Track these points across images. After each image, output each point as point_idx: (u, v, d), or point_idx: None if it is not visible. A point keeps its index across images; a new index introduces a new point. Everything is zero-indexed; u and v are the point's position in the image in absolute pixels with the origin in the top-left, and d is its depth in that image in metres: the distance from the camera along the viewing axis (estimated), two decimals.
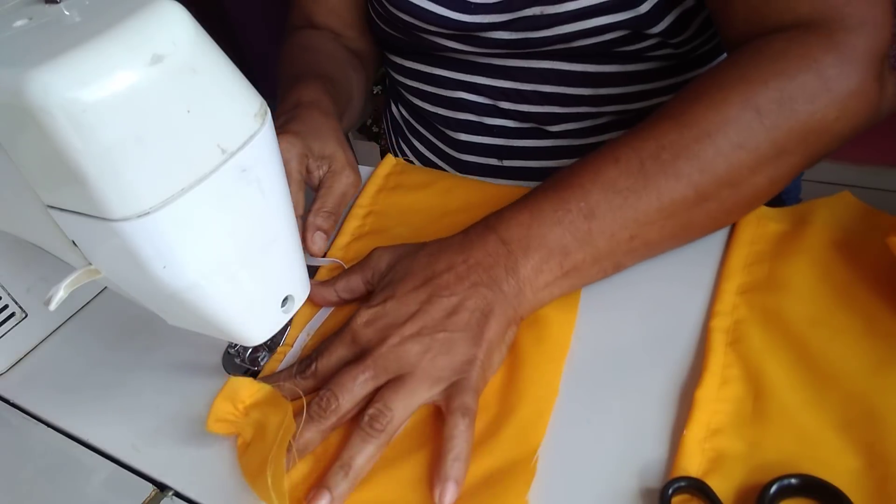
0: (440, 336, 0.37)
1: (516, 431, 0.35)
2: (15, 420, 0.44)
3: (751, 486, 0.31)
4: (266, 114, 0.30)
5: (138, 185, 0.26)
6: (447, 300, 0.38)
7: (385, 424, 0.35)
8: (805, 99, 0.38)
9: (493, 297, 0.38)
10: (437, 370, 0.36)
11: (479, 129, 0.65)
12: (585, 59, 0.56)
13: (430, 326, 0.37)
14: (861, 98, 0.39)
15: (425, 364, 0.36)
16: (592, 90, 0.58)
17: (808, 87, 0.38)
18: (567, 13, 0.52)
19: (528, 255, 0.39)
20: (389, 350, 0.37)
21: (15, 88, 0.24)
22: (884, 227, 0.40)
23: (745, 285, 0.40)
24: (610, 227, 0.38)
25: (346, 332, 0.39)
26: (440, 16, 0.56)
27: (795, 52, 0.39)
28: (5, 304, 0.46)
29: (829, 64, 0.38)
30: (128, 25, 0.25)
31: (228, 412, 0.36)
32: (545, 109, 0.61)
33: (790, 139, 0.38)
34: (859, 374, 0.34)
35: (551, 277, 0.39)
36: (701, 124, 0.38)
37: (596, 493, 0.32)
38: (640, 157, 0.39)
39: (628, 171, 0.39)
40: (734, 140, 0.38)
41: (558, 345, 0.39)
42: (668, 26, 0.52)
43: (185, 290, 0.30)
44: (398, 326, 0.37)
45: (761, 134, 0.38)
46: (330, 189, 0.49)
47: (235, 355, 0.42)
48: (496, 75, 0.60)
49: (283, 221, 0.33)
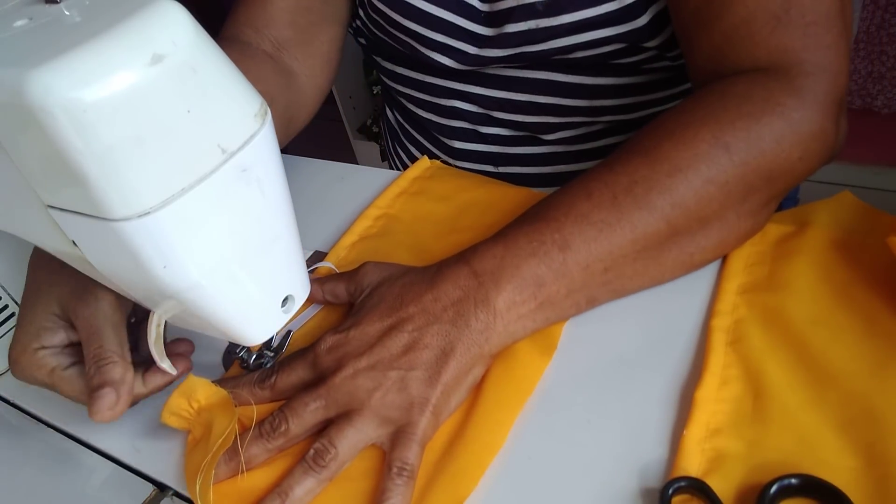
0: (393, 374, 0.36)
1: (449, 479, 0.34)
2: (15, 420, 0.44)
3: (751, 485, 0.31)
4: (266, 114, 0.30)
5: (139, 185, 0.26)
6: (407, 335, 0.37)
7: (328, 461, 0.34)
8: (772, 139, 0.38)
9: (457, 335, 0.37)
10: (385, 410, 0.35)
11: (474, 136, 0.64)
12: (581, 71, 0.56)
13: (385, 362, 0.36)
14: (821, 140, 0.40)
15: (374, 402, 0.35)
16: (588, 101, 0.58)
17: (774, 128, 0.39)
18: (563, 26, 0.51)
19: (501, 287, 0.38)
20: (342, 382, 0.36)
21: (15, 88, 0.24)
22: (884, 227, 0.40)
23: (746, 285, 0.40)
24: (585, 258, 0.38)
25: (310, 354, 0.38)
26: (449, 23, 0.55)
27: (759, 95, 0.40)
28: (5, 304, 0.46)
29: (792, 107, 0.39)
30: (128, 25, 0.25)
31: (182, 408, 0.37)
32: (539, 119, 0.60)
33: (757, 177, 0.39)
34: (859, 374, 0.34)
35: (525, 310, 0.38)
36: (672, 160, 0.38)
37: (596, 493, 0.32)
38: (613, 192, 0.39)
39: (601, 205, 0.38)
40: (705, 175, 0.38)
41: (519, 391, 0.37)
42: (666, 39, 0.52)
43: (186, 290, 0.30)
44: (355, 358, 0.37)
45: (730, 170, 0.38)
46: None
47: (240, 361, 0.41)
48: (490, 85, 0.60)
49: (283, 221, 0.33)
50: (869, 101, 1.44)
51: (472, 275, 0.38)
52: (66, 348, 0.39)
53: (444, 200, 0.53)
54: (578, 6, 0.50)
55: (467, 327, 0.37)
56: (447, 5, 0.55)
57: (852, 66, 1.44)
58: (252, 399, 0.39)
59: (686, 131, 0.39)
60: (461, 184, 0.54)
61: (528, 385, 0.38)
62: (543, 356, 0.39)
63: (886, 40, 1.37)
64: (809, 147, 0.40)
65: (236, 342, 0.37)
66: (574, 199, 0.39)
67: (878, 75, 1.41)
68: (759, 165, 0.38)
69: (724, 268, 0.42)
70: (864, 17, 1.38)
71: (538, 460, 0.34)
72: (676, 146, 0.39)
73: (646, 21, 0.50)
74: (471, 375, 0.38)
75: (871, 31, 1.38)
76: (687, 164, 0.38)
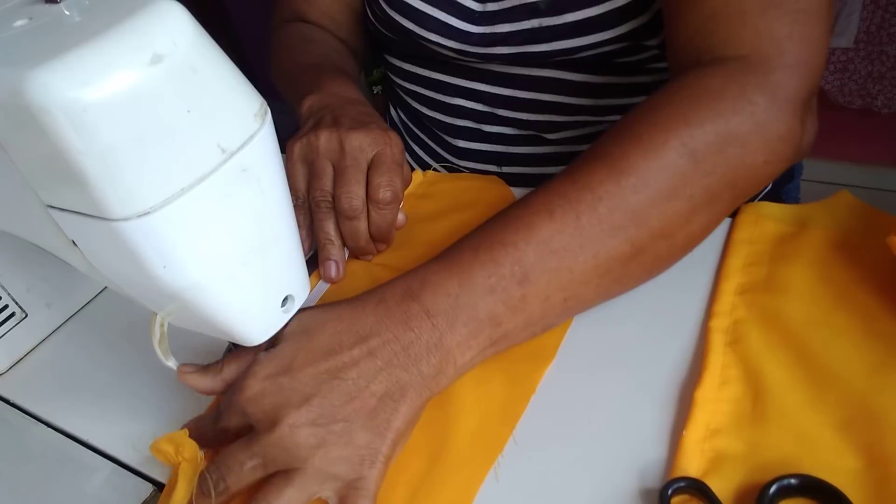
0: (337, 427, 0.33)
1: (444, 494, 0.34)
2: (15, 420, 0.44)
3: (750, 486, 0.31)
4: (266, 114, 0.30)
5: (138, 185, 0.26)
6: (351, 384, 0.34)
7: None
8: (738, 143, 0.38)
9: (409, 380, 0.34)
10: (330, 467, 0.32)
11: (478, 135, 0.64)
12: (586, 70, 0.56)
13: (328, 414, 0.33)
14: (788, 141, 0.39)
15: (317, 461, 0.32)
16: (592, 100, 0.58)
17: (741, 130, 0.38)
18: (567, 25, 0.51)
19: (455, 330, 0.35)
20: (279, 439, 0.32)
21: (15, 88, 0.24)
22: (884, 227, 0.40)
23: (744, 285, 0.40)
24: (544, 290, 0.36)
25: (234, 404, 0.35)
26: (442, 22, 0.56)
27: (732, 91, 0.38)
28: (5, 304, 0.46)
29: (763, 107, 0.38)
30: (128, 25, 0.25)
31: (168, 454, 0.36)
32: (544, 118, 0.60)
33: (722, 184, 0.38)
34: (859, 374, 0.34)
35: (478, 350, 0.36)
36: (639, 172, 0.37)
37: (596, 493, 0.32)
38: (577, 211, 0.37)
39: (563, 228, 0.36)
40: (670, 190, 0.37)
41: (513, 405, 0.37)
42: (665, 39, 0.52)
43: (186, 290, 0.30)
44: (291, 409, 0.33)
45: (696, 181, 0.37)
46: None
47: None
48: (496, 82, 0.60)
49: (283, 221, 0.33)
50: (869, 101, 1.44)
51: (424, 315, 0.35)
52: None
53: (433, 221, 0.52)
54: (580, 5, 0.50)
55: (419, 373, 0.35)
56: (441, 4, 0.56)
57: (852, 66, 1.44)
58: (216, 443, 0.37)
59: (656, 135, 0.38)
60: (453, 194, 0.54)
61: (522, 400, 0.37)
62: (539, 368, 0.38)
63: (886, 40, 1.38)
64: (775, 149, 0.39)
65: (236, 342, 0.37)
66: (535, 218, 0.37)
67: (878, 75, 1.41)
68: (724, 173, 0.38)
69: (721, 268, 0.42)
70: (864, 17, 1.38)
71: (538, 460, 0.34)
72: (645, 154, 0.37)
73: (647, 19, 0.50)
74: (418, 416, 0.36)
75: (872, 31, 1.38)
76: (654, 178, 0.37)
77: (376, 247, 0.49)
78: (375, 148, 0.47)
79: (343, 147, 0.47)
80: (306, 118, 0.52)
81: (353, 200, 0.46)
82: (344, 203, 0.46)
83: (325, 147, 0.48)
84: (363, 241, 0.48)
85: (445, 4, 0.56)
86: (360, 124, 0.48)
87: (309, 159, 0.48)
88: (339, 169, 0.47)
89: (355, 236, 0.47)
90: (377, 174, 0.47)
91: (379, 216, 0.47)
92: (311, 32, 0.67)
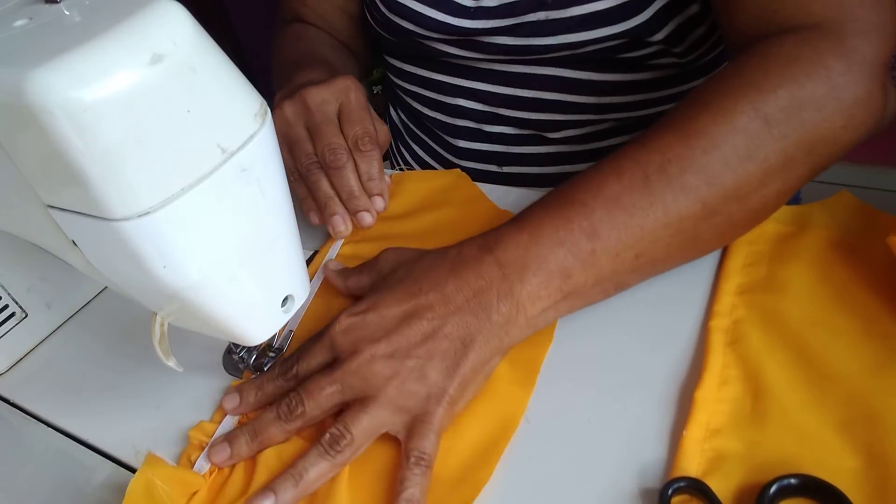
0: (411, 363, 0.35)
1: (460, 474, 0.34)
2: (15, 420, 0.44)
3: (750, 486, 0.31)
4: (266, 113, 0.30)
5: (138, 185, 0.26)
6: (427, 323, 0.36)
7: (343, 447, 0.34)
8: (814, 108, 0.37)
9: (478, 326, 0.36)
10: (402, 399, 0.35)
11: (478, 135, 0.64)
12: (588, 67, 0.56)
13: (403, 350, 0.35)
14: (867, 106, 0.38)
15: (391, 391, 0.35)
16: (595, 98, 0.58)
17: (817, 95, 0.37)
18: (572, 19, 0.51)
19: (526, 279, 0.36)
20: (358, 367, 0.35)
21: (15, 88, 0.24)
22: (883, 227, 0.40)
23: (744, 285, 0.40)
24: (615, 247, 0.37)
25: (326, 337, 0.38)
26: (440, 21, 0.56)
27: (807, 57, 0.38)
28: (5, 304, 0.46)
29: (839, 71, 0.37)
30: (128, 25, 0.25)
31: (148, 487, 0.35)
32: (546, 117, 0.60)
33: (798, 149, 0.37)
34: (858, 375, 0.34)
35: (550, 302, 0.37)
36: (709, 135, 0.37)
37: (596, 493, 0.32)
38: (646, 171, 0.37)
39: (632, 187, 0.37)
40: (743, 152, 0.36)
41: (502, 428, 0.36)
42: (669, 34, 0.52)
43: (186, 290, 0.30)
44: (372, 343, 0.36)
45: (770, 145, 0.36)
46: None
47: (239, 361, 0.42)
48: (496, 81, 0.60)
49: (283, 221, 0.33)
50: None
51: (495, 264, 0.37)
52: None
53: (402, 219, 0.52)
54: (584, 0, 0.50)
55: (489, 320, 0.36)
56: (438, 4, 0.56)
57: None
58: (279, 391, 0.38)
59: (725, 101, 0.37)
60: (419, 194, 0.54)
61: (511, 421, 0.36)
62: (524, 388, 0.38)
63: None
64: (854, 114, 0.38)
65: (236, 342, 0.37)
66: (604, 179, 0.38)
67: None
68: (800, 137, 0.37)
69: (721, 268, 0.42)
70: None
71: (537, 460, 0.34)
72: (714, 119, 0.37)
73: (651, 14, 0.50)
74: (488, 367, 0.37)
75: None
76: (724, 140, 0.36)
77: (373, 201, 0.49)
78: (339, 97, 0.49)
79: (308, 106, 0.48)
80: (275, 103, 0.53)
81: (336, 151, 0.47)
82: (328, 156, 0.47)
83: (292, 114, 0.49)
84: (357, 191, 0.48)
85: (440, 3, 0.56)
86: (320, 81, 0.50)
87: (283, 133, 0.49)
88: (311, 129, 0.48)
89: (348, 186, 0.48)
90: (348, 124, 0.48)
91: (365, 163, 0.48)
92: (304, 31, 0.67)
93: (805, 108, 0.37)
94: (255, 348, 0.41)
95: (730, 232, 0.40)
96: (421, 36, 0.58)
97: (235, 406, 0.39)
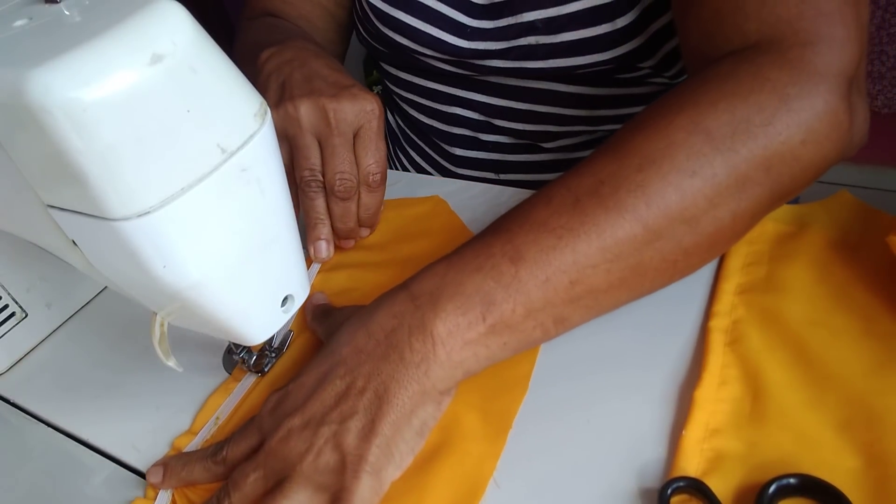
0: (325, 430, 0.32)
1: None
2: (15, 420, 0.44)
3: (749, 485, 0.31)
4: (266, 113, 0.30)
5: (138, 185, 0.26)
6: (339, 382, 0.33)
7: None
8: (761, 119, 0.33)
9: (391, 372, 0.32)
10: (317, 475, 0.31)
11: (475, 144, 0.64)
12: (581, 82, 0.56)
13: (318, 418, 0.32)
14: (829, 120, 0.34)
15: (305, 467, 0.31)
16: (588, 111, 0.58)
17: (763, 105, 0.34)
18: (562, 44, 0.51)
19: (439, 308, 0.33)
20: (276, 445, 0.32)
21: (15, 88, 0.24)
22: (883, 227, 0.40)
23: (744, 285, 0.40)
24: (543, 271, 0.33)
25: (255, 418, 0.35)
26: (434, 37, 0.56)
27: (745, 70, 0.35)
28: (5, 303, 0.46)
29: (785, 82, 0.34)
30: (128, 25, 0.25)
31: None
32: (540, 128, 0.60)
33: (752, 167, 0.34)
34: (858, 374, 0.34)
35: (473, 334, 0.33)
36: (643, 152, 0.34)
37: (595, 493, 0.32)
38: (576, 195, 0.34)
39: (561, 210, 0.33)
40: (685, 168, 0.33)
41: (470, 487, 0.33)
42: (659, 60, 0.52)
43: (186, 290, 0.30)
44: (290, 416, 0.33)
45: (717, 160, 0.33)
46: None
47: (240, 361, 0.42)
48: (491, 93, 0.60)
49: (283, 221, 0.33)
50: (869, 100, 1.44)
51: (408, 299, 0.34)
52: None
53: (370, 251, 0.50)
54: (577, 26, 0.50)
55: (401, 361, 0.32)
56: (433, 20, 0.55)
57: None
58: (207, 476, 0.35)
59: (660, 121, 0.34)
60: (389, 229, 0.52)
61: (479, 484, 0.33)
62: (494, 445, 0.34)
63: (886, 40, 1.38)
64: (814, 128, 0.34)
65: (236, 342, 0.37)
66: (532, 207, 0.35)
67: (878, 75, 1.41)
68: (751, 153, 0.33)
69: (721, 268, 0.42)
70: None
71: (537, 460, 0.34)
72: (648, 137, 0.34)
73: (641, 42, 0.50)
74: (416, 419, 0.33)
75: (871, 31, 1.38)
76: (661, 155, 0.33)
77: (360, 232, 0.48)
78: (361, 119, 0.45)
79: (328, 120, 0.44)
80: (268, 73, 0.47)
81: (347, 182, 0.45)
82: (338, 185, 0.45)
83: (308, 120, 0.44)
84: (353, 223, 0.47)
85: (437, 20, 0.55)
86: (340, 88, 0.45)
87: (290, 133, 0.45)
88: (326, 146, 0.45)
89: (347, 217, 0.46)
90: (365, 153, 0.45)
91: (369, 198, 0.46)
92: (278, 23, 0.62)
93: (751, 121, 0.33)
94: (254, 348, 0.42)
95: (682, 260, 0.35)
96: (415, 52, 0.58)
97: (159, 481, 0.36)
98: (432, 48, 0.56)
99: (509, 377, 0.38)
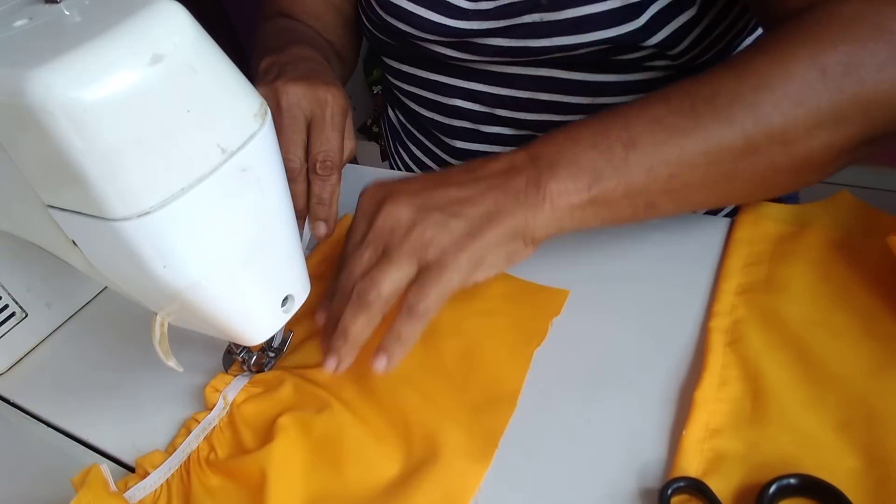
0: (435, 215, 0.36)
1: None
2: (15, 420, 0.44)
3: (750, 486, 0.31)
4: (266, 113, 0.30)
5: (138, 185, 0.26)
6: (455, 190, 0.37)
7: (372, 299, 0.35)
8: (874, 68, 0.36)
9: (505, 202, 0.36)
10: (421, 245, 0.35)
11: (476, 136, 0.64)
12: (583, 68, 0.56)
13: (429, 205, 0.36)
14: None
15: (413, 236, 0.35)
16: (590, 99, 0.58)
17: (878, 56, 0.36)
18: (566, 21, 0.52)
19: (555, 171, 0.37)
20: (385, 216, 0.37)
21: (15, 88, 0.24)
22: (883, 227, 0.40)
23: (744, 285, 0.40)
24: (649, 160, 0.37)
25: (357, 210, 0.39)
26: (435, 23, 0.56)
27: (870, 19, 0.37)
28: (5, 304, 0.46)
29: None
30: (128, 25, 0.25)
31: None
32: (542, 117, 0.61)
33: (852, 106, 0.36)
34: (858, 375, 0.34)
35: (576, 199, 0.37)
36: (763, 75, 0.37)
37: (596, 493, 0.32)
38: (693, 100, 0.37)
39: (678, 110, 0.37)
40: (794, 96, 0.36)
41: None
42: (664, 39, 0.52)
43: (186, 290, 0.30)
44: (398, 196, 0.37)
45: (823, 94, 0.36)
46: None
47: (242, 362, 0.42)
48: (493, 82, 0.60)
49: (283, 221, 0.33)
50: None
51: (527, 157, 0.38)
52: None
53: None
54: (580, 2, 0.50)
55: (516, 199, 0.37)
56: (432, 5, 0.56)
57: None
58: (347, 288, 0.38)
59: (783, 48, 0.37)
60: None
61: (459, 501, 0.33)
62: (479, 463, 0.35)
63: None
64: None
65: (236, 342, 0.37)
66: (651, 103, 0.38)
67: None
68: (855, 94, 0.36)
69: (721, 268, 0.42)
70: None
71: (537, 460, 0.34)
72: (770, 62, 0.37)
73: (646, 20, 0.50)
74: (510, 247, 0.37)
75: None
76: (777, 82, 0.36)
77: (315, 227, 0.47)
78: (314, 103, 0.47)
79: (279, 102, 0.46)
80: (260, 76, 0.50)
81: (290, 162, 0.45)
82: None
83: None
84: (300, 204, 0.47)
85: (437, 5, 0.56)
86: (301, 77, 0.47)
87: None
88: (276, 127, 0.46)
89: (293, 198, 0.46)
90: (316, 141, 0.46)
91: (319, 187, 0.46)
92: (289, 24, 0.65)
93: (864, 67, 0.36)
94: (254, 348, 0.41)
95: (770, 177, 0.39)
96: (416, 37, 0.58)
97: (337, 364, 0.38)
98: (434, 33, 0.57)
99: (498, 393, 0.38)
